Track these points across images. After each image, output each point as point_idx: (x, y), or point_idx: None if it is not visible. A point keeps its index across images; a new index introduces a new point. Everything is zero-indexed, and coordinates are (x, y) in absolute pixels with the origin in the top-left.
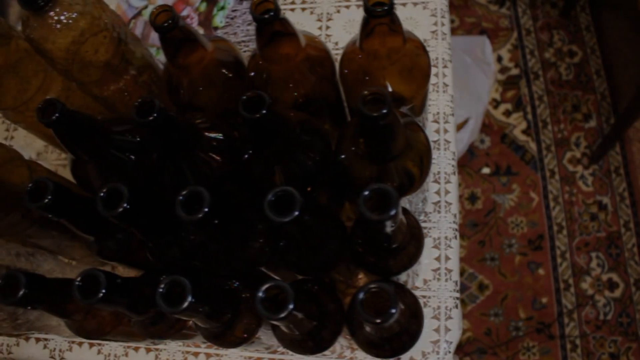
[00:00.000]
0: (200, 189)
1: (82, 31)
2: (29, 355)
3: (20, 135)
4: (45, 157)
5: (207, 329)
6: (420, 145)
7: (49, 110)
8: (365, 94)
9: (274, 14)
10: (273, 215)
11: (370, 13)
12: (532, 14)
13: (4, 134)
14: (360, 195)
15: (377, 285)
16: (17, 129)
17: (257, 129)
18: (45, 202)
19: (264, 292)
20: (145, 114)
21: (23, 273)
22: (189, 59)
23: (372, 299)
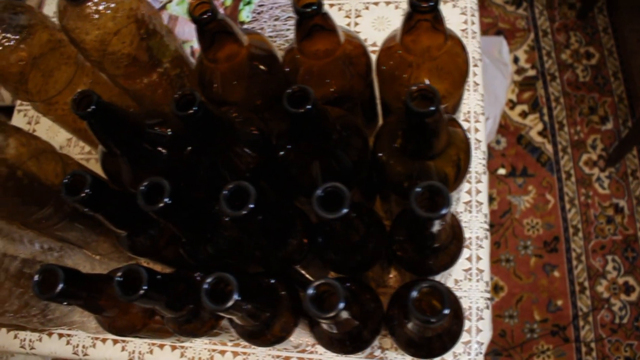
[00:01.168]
0: (246, 184)
1: (120, 22)
2: (51, 351)
3: (42, 129)
4: (68, 151)
5: (244, 327)
6: (461, 144)
7: (83, 102)
8: (413, 89)
9: (317, 7)
10: (322, 212)
11: (415, 8)
12: (549, 15)
13: (26, 128)
14: (411, 192)
15: (430, 284)
16: (39, 123)
17: (301, 124)
18: (82, 196)
19: (314, 289)
20: (184, 107)
21: (61, 268)
22: (225, 53)
23: (421, 298)
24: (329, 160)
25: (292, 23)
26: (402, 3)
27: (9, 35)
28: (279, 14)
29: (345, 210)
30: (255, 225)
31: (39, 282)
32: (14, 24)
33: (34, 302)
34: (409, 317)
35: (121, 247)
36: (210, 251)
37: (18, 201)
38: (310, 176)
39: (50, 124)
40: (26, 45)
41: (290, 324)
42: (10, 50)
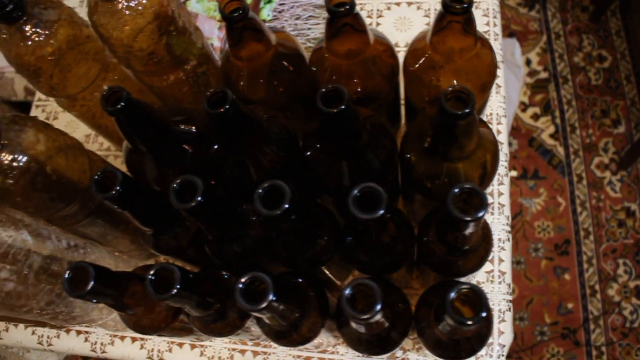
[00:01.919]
0: (281, 184)
1: (149, 19)
2: (69, 348)
3: (60, 125)
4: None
5: (271, 327)
6: (490, 146)
7: (112, 98)
8: (448, 90)
9: (350, 7)
10: (359, 212)
11: (447, 9)
12: (562, 17)
13: None
14: (449, 193)
15: (470, 286)
16: (57, 119)
17: (333, 124)
18: (113, 193)
19: (351, 289)
20: (215, 104)
21: (91, 265)
22: (253, 51)
23: (457, 300)
24: (358, 161)
25: (313, 22)
26: (424, 4)
27: (39, 30)
28: (300, 12)
29: (382, 211)
30: (288, 225)
31: (69, 279)
32: (44, 19)
33: (60, 300)
34: (443, 319)
35: (146, 244)
36: (237, 250)
37: (46, 197)
38: (339, 176)
39: (69, 120)
40: (55, 40)
41: (318, 324)
42: (39, 46)
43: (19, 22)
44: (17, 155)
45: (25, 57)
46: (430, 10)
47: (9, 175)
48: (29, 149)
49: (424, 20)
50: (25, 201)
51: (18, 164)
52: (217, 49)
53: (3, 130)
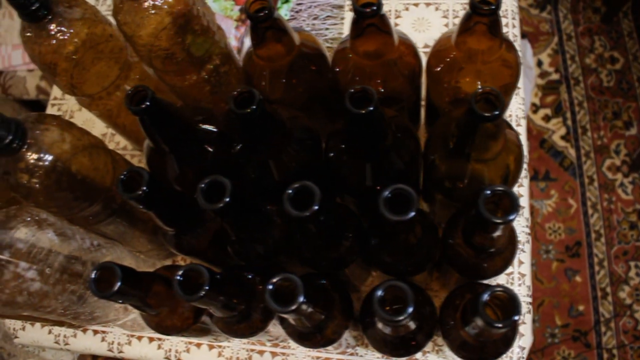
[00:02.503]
0: (311, 184)
1: (176, 18)
2: (86, 347)
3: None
4: None
5: (296, 329)
6: (515, 148)
7: (136, 97)
8: (478, 92)
9: (377, 8)
10: (390, 214)
11: (475, 10)
12: (574, 18)
13: None
14: (480, 194)
15: (504, 289)
16: (72, 118)
17: (361, 125)
18: (139, 193)
19: (382, 291)
20: (241, 105)
21: (118, 266)
22: (277, 51)
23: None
24: (384, 162)
25: (331, 22)
26: (442, 5)
27: (63, 28)
28: (317, 12)
29: (413, 213)
30: (315, 226)
31: (95, 279)
32: (68, 17)
33: (82, 300)
34: (472, 321)
35: (167, 244)
36: (260, 251)
37: (70, 197)
38: (365, 177)
39: (85, 119)
40: (78, 39)
41: (342, 326)
42: (63, 44)
43: (44, 20)
44: (42, 154)
45: (49, 56)
46: (448, 12)
47: (34, 175)
48: (55, 148)
49: (442, 21)
50: (49, 200)
51: (43, 164)
52: (234, 49)
53: (29, 129)
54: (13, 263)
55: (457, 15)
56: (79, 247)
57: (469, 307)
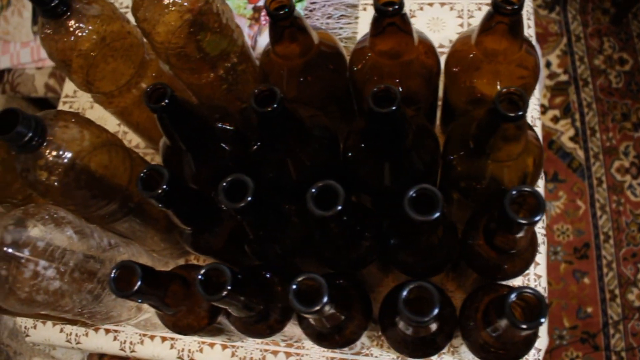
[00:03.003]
0: (334, 184)
1: (196, 15)
2: (97, 346)
3: None
4: None
5: (315, 329)
6: (535, 149)
7: (155, 95)
8: (502, 92)
9: (398, 7)
10: (414, 214)
11: (498, 9)
12: (582, 19)
13: None
14: (507, 195)
15: (532, 290)
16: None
17: (382, 124)
18: (159, 192)
19: (408, 292)
20: (262, 103)
21: (138, 265)
22: (296, 49)
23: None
24: (404, 161)
25: (345, 21)
26: (457, 4)
27: (82, 25)
28: (331, 11)
29: (438, 214)
30: (338, 226)
31: (115, 278)
32: (87, 14)
33: (98, 299)
34: (496, 322)
35: (184, 243)
36: (278, 250)
37: (88, 195)
38: (385, 176)
39: (96, 117)
40: (97, 35)
41: (361, 326)
42: (82, 41)
43: (63, 17)
44: (61, 151)
45: (67, 52)
46: (463, 11)
47: (53, 172)
48: (74, 145)
49: (457, 21)
50: (67, 198)
51: (62, 161)
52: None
53: (48, 126)
54: (32, 261)
55: (472, 15)
56: (97, 245)
57: (494, 308)
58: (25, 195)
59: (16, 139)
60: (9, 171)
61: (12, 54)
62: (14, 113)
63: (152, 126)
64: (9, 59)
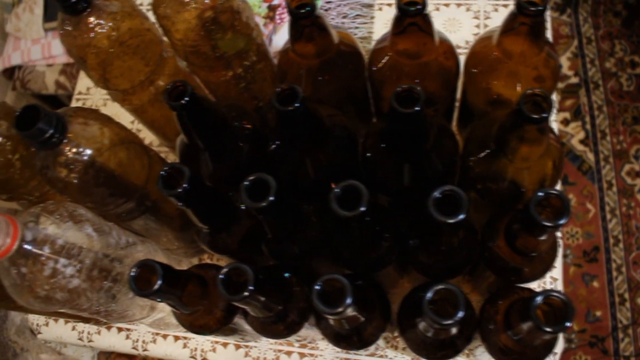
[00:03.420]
0: (358, 184)
1: (217, 12)
2: (110, 345)
3: None
4: None
5: (334, 329)
6: (555, 151)
7: (174, 93)
8: (527, 93)
9: (421, 7)
10: (439, 215)
11: (522, 9)
12: (594, 22)
13: None
14: (533, 198)
15: (558, 293)
16: None
17: (405, 125)
18: (180, 191)
19: (433, 294)
20: (284, 102)
21: (158, 264)
22: (316, 48)
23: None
24: (425, 162)
25: (360, 21)
26: (474, 5)
27: (102, 22)
28: (347, 11)
29: (463, 215)
30: (360, 226)
31: (135, 277)
32: (107, 10)
33: (114, 299)
34: (519, 325)
35: (201, 242)
36: (296, 250)
37: (106, 192)
38: (405, 177)
39: (110, 115)
40: (117, 32)
41: (380, 328)
42: (102, 37)
43: (83, 13)
44: (81, 149)
45: (86, 49)
46: (479, 12)
47: (73, 169)
48: (94, 142)
49: (474, 22)
50: (86, 196)
51: (82, 158)
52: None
53: (68, 123)
54: (52, 259)
55: (489, 16)
56: (116, 243)
57: (517, 311)
58: (42, 192)
59: (37, 136)
60: (27, 168)
61: (22, 51)
62: (35, 110)
63: (167, 124)
64: (20, 56)
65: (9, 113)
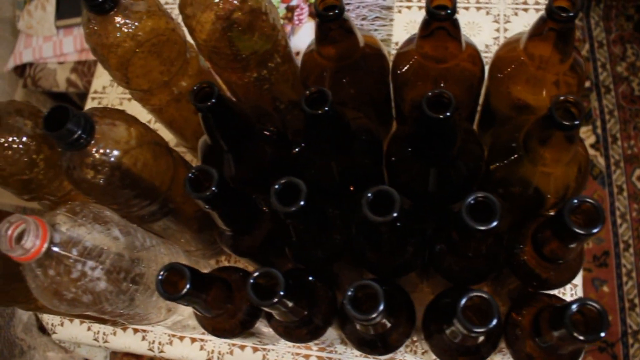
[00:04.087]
0: (390, 190)
1: (245, 13)
2: (125, 346)
3: None
4: None
5: (359, 335)
6: (581, 157)
7: (201, 94)
8: (559, 100)
9: (451, 11)
10: (472, 222)
11: (552, 15)
12: (605, 26)
13: None
14: (567, 204)
15: (595, 304)
16: None
17: (435, 129)
18: (208, 194)
19: (466, 300)
20: (312, 105)
21: (187, 267)
22: (342, 51)
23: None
24: (451, 167)
25: (379, 23)
26: (494, 9)
27: (129, 21)
28: (366, 13)
29: (496, 223)
30: (390, 231)
31: (162, 280)
32: (134, 9)
33: (134, 302)
34: (550, 332)
35: (223, 245)
36: (321, 255)
37: (131, 194)
38: (431, 182)
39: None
40: (143, 32)
41: (405, 333)
42: (128, 37)
43: (110, 12)
44: (109, 150)
45: (112, 49)
46: (499, 16)
47: (100, 171)
48: (121, 144)
49: (493, 26)
50: (111, 197)
51: (109, 160)
52: None
53: (96, 124)
54: (80, 261)
55: (509, 20)
56: (141, 245)
57: (548, 318)
58: (64, 192)
59: (66, 137)
60: (50, 168)
61: (34, 48)
62: (63, 110)
63: (186, 124)
64: (31, 53)
65: (34, 113)
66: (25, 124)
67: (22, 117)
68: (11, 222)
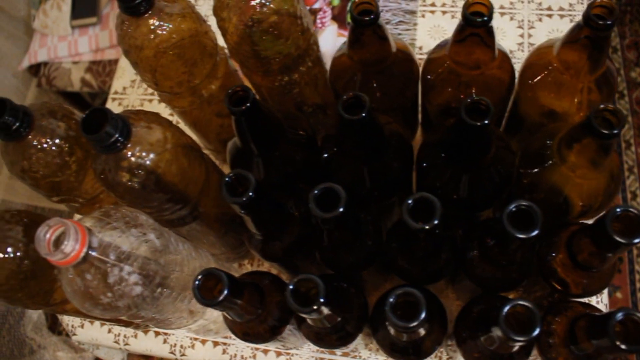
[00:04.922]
0: (431, 196)
1: (283, 16)
2: (146, 349)
3: None
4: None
5: (391, 341)
6: (614, 165)
7: (235, 97)
8: (599, 109)
9: (487, 19)
10: (513, 230)
11: (589, 21)
12: (620, 31)
13: None
14: (609, 213)
15: (637, 312)
16: None
17: (472, 136)
18: (244, 199)
19: (509, 308)
20: (349, 110)
21: (224, 273)
22: (374, 56)
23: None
24: (485, 174)
25: (403, 27)
26: (517, 14)
27: (163, 23)
28: (389, 17)
29: (537, 232)
30: (428, 238)
31: (199, 286)
32: (169, 12)
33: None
34: (584, 342)
35: (252, 249)
36: (352, 260)
37: (164, 198)
38: (462, 188)
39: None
40: (177, 34)
41: (437, 340)
42: (161, 40)
43: (145, 14)
44: (145, 153)
45: (145, 51)
46: (523, 22)
47: (135, 174)
48: (157, 147)
49: (517, 31)
50: (145, 201)
51: (145, 163)
52: None
53: (132, 126)
54: (117, 266)
55: (532, 26)
56: (175, 249)
57: (588, 327)
58: (93, 194)
59: (103, 140)
60: (82, 170)
61: (49, 47)
62: (101, 113)
63: (209, 126)
64: (46, 52)
65: (67, 114)
66: (59, 126)
67: (56, 119)
68: (50, 225)
